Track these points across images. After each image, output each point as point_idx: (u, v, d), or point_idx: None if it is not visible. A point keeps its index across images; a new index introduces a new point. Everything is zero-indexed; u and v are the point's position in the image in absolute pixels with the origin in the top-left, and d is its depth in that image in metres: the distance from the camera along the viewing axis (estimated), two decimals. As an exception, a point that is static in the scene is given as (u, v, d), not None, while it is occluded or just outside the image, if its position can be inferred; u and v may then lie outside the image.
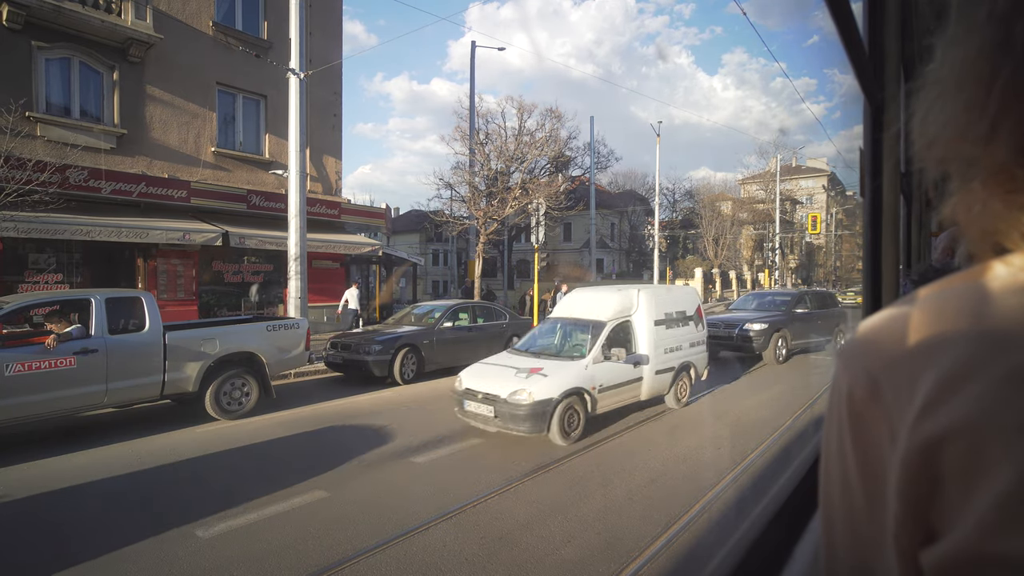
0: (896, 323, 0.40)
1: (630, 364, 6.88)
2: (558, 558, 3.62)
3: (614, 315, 7.06)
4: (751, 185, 45.50)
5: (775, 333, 11.39)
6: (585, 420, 6.17)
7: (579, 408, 6.16)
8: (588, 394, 6.25)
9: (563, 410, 5.92)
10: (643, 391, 7.07)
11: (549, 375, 6.13)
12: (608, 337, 6.76)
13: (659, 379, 7.25)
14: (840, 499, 0.44)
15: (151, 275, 12.53)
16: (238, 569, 3.46)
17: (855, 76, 1.25)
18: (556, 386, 5.95)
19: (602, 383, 6.44)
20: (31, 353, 5.69)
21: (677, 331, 7.70)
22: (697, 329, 8.14)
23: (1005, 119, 0.36)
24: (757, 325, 11.40)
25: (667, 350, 7.40)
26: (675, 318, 7.74)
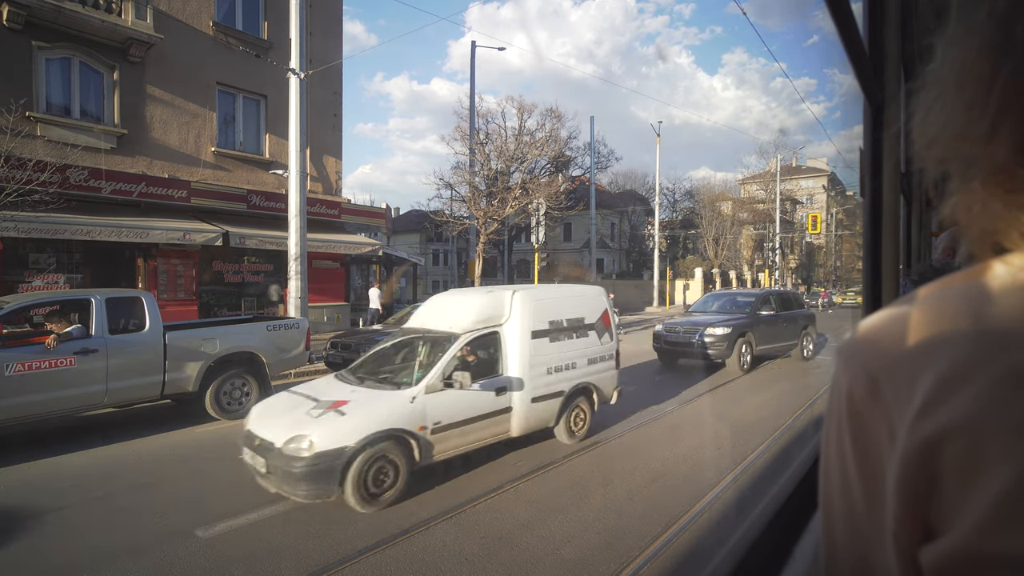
0: (896, 323, 0.40)
1: (490, 391, 5.27)
2: (558, 558, 3.62)
3: (473, 324, 5.49)
4: (751, 185, 45.51)
5: (739, 338, 10.42)
6: (408, 474, 4.52)
7: (398, 458, 4.48)
8: (413, 437, 4.60)
9: (365, 463, 4.26)
10: (513, 425, 5.49)
11: (350, 412, 4.49)
12: (457, 356, 5.23)
13: (539, 408, 5.66)
14: (840, 498, 0.44)
15: (151, 275, 12.53)
16: (238, 569, 3.46)
17: (855, 76, 1.26)
18: (355, 429, 4.32)
19: (440, 420, 4.81)
20: (31, 353, 5.69)
21: (569, 344, 6.11)
22: (601, 341, 6.50)
23: (1005, 119, 0.36)
24: (720, 329, 10.40)
25: (552, 369, 5.82)
26: (566, 328, 6.12)
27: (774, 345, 11.47)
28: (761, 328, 11.07)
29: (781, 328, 11.76)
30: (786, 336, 11.89)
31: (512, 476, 5.01)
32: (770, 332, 11.35)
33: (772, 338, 11.39)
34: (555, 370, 5.88)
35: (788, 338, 11.92)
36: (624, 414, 7.04)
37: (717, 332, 10.42)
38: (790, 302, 12.79)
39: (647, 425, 6.85)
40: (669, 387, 8.96)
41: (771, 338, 11.36)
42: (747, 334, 10.65)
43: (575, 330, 6.24)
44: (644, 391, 8.51)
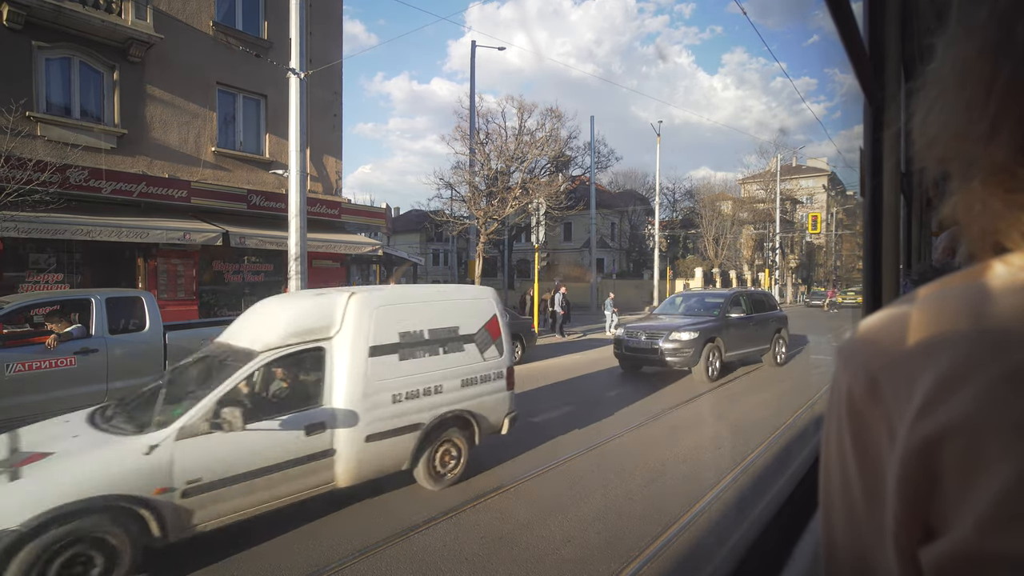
0: (896, 322, 0.40)
1: (295, 430, 3.95)
2: (558, 558, 3.62)
3: (283, 339, 4.17)
4: (751, 185, 45.51)
5: (707, 344, 9.53)
6: (135, 560, 3.25)
7: (115, 538, 3.18)
8: (145, 505, 3.27)
9: (39, 556, 2.91)
10: (339, 472, 4.18)
11: (39, 470, 3.16)
12: (245, 383, 4.03)
13: (378, 449, 4.35)
14: (840, 498, 0.44)
15: (151, 275, 12.53)
16: (238, 569, 3.46)
17: (855, 76, 1.26)
18: (30, 499, 2.97)
19: (199, 476, 3.48)
20: (32, 353, 5.70)
21: (432, 363, 4.83)
22: (485, 356, 5.21)
23: (1005, 118, 0.36)
24: (686, 334, 9.48)
25: (402, 396, 4.53)
26: (429, 341, 4.84)
27: (745, 350, 10.60)
28: (731, 332, 10.17)
29: (752, 331, 10.87)
30: (758, 340, 11.00)
31: (512, 476, 5.01)
32: (740, 336, 10.47)
33: (743, 342, 10.52)
34: (407, 397, 4.57)
35: (760, 342, 11.05)
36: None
37: (682, 337, 9.49)
38: (762, 303, 11.84)
39: (647, 425, 6.85)
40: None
41: (742, 342, 10.49)
42: (716, 339, 9.77)
43: (444, 343, 4.93)
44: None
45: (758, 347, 11.01)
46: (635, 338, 10.11)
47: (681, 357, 9.43)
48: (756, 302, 11.64)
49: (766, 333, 11.22)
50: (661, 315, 11.39)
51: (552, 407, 7.55)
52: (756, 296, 12.13)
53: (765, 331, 11.21)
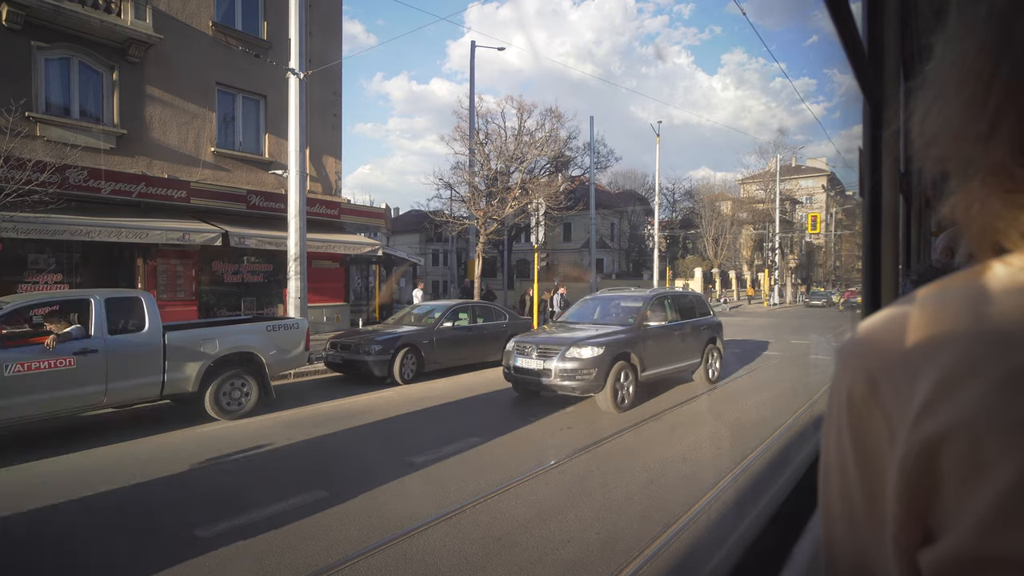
0: (895, 323, 0.40)
1: None
2: (557, 558, 3.62)
3: None
4: (751, 185, 45.52)
5: (616, 361, 7.41)
6: None
7: None
8: None
9: None
10: None
11: None
12: None
13: None
14: (839, 499, 0.44)
15: (151, 275, 12.53)
16: (238, 569, 3.46)
17: (854, 76, 1.26)
18: None
19: None
20: (30, 353, 5.69)
21: None
22: None
23: (1004, 117, 0.36)
24: (587, 350, 7.34)
25: None
26: None
27: (668, 367, 8.57)
28: (649, 345, 8.15)
29: (677, 343, 8.83)
30: (685, 353, 8.95)
31: (512, 476, 5.01)
32: (663, 350, 8.46)
33: (665, 357, 8.50)
34: None
35: (687, 356, 9.00)
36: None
37: (582, 354, 7.32)
38: (691, 308, 9.76)
39: (646, 425, 6.85)
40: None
41: (664, 358, 8.46)
42: (629, 355, 7.70)
43: None
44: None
45: (686, 362, 8.98)
46: (525, 355, 7.77)
47: (580, 381, 7.24)
48: (684, 307, 9.57)
49: (696, 344, 9.20)
50: (570, 323, 9.06)
51: (551, 407, 7.56)
52: (684, 299, 9.95)
53: (695, 342, 9.19)
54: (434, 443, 6.00)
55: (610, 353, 7.40)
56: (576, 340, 7.63)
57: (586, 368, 7.27)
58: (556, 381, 7.37)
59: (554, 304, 17.64)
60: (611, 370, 7.30)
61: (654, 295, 9.16)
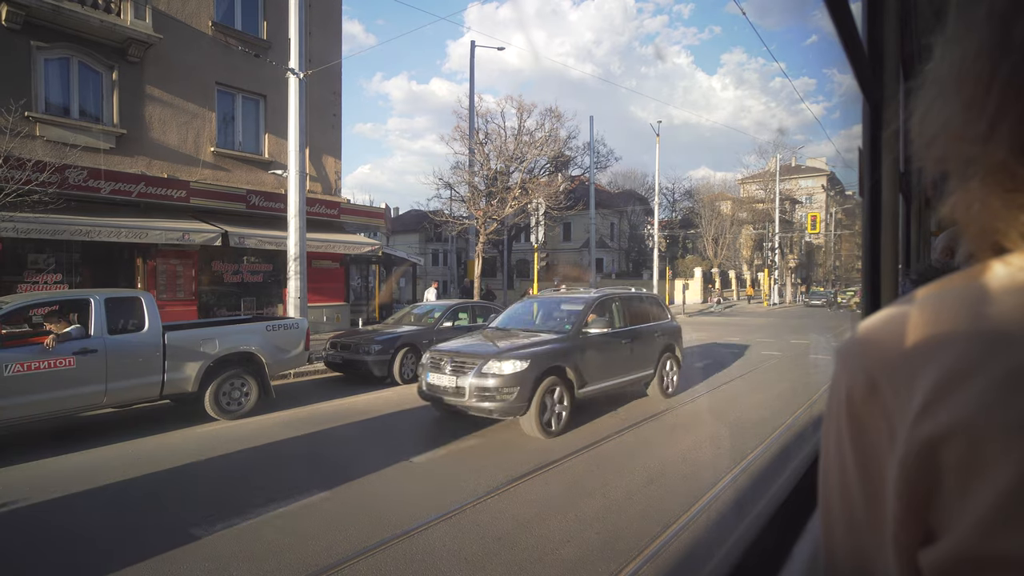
0: (895, 323, 0.40)
1: None
2: (557, 558, 3.62)
3: None
4: (750, 185, 45.53)
5: (546, 377, 6.28)
6: None
7: None
8: None
9: None
10: None
11: None
12: None
13: None
14: (839, 499, 0.44)
15: (150, 275, 12.53)
16: (238, 569, 3.46)
17: (854, 76, 1.26)
18: None
19: None
20: (30, 353, 5.69)
21: None
22: None
23: (1004, 118, 0.36)
24: (509, 364, 6.18)
25: None
26: None
27: (613, 381, 7.37)
28: (589, 356, 6.97)
29: (625, 353, 7.64)
30: (635, 364, 7.75)
31: (512, 476, 5.01)
32: (607, 360, 7.30)
33: (610, 370, 7.32)
34: None
35: (638, 367, 7.79)
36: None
37: (502, 369, 6.15)
38: (644, 311, 8.53)
39: (647, 425, 6.86)
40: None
41: (608, 369, 7.29)
42: (564, 369, 6.57)
43: None
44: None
45: (636, 374, 7.77)
46: (438, 369, 6.59)
47: (499, 402, 6.07)
48: (635, 311, 8.34)
49: (648, 353, 7.99)
50: (505, 329, 7.81)
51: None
52: (635, 302, 8.57)
53: (647, 351, 7.98)
54: (435, 442, 6.00)
55: (537, 367, 6.26)
56: (498, 352, 6.42)
57: (507, 386, 6.05)
58: (471, 402, 6.16)
59: None
60: (538, 388, 6.17)
61: (599, 297, 7.85)
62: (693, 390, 8.93)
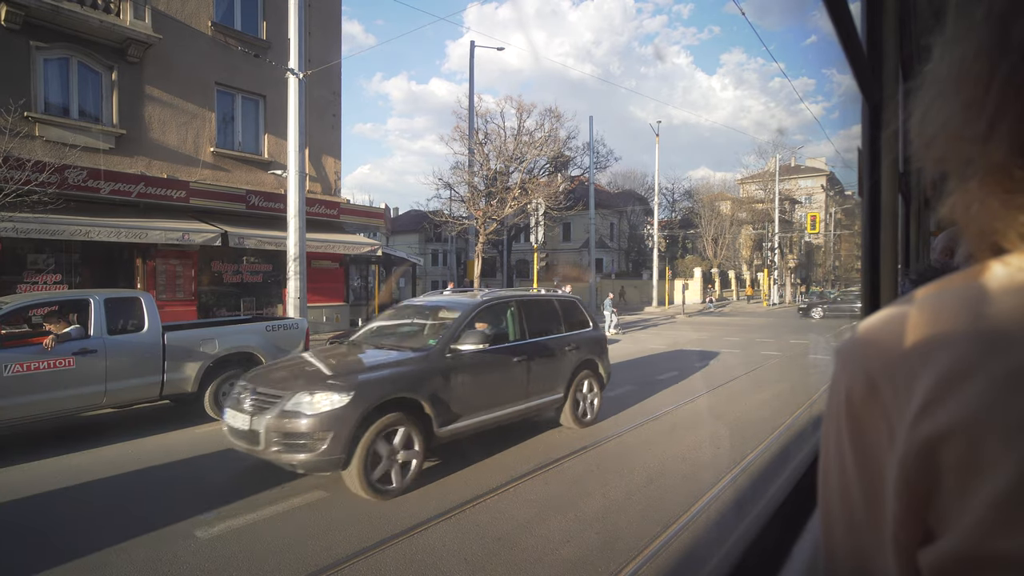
0: (895, 323, 0.40)
1: None
2: (557, 558, 3.62)
3: None
4: (750, 185, 45.54)
5: (378, 416, 4.58)
6: None
7: None
8: None
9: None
10: None
11: None
12: None
13: None
14: (839, 499, 0.44)
15: (150, 275, 12.52)
16: (238, 569, 3.46)
17: (853, 76, 1.26)
18: None
19: None
20: (29, 353, 5.69)
21: None
22: None
23: (1003, 118, 0.36)
24: (322, 398, 4.48)
25: None
26: None
27: (499, 412, 5.61)
28: (461, 381, 5.26)
29: (519, 374, 5.89)
30: (534, 388, 6.04)
31: (512, 476, 5.01)
32: (489, 385, 5.62)
33: (494, 397, 5.61)
34: None
35: (539, 391, 6.09)
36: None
37: (313, 406, 4.45)
38: (553, 319, 6.73)
39: (646, 424, 6.86)
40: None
41: (492, 397, 5.59)
42: (418, 402, 4.85)
43: None
44: None
45: (537, 400, 6.08)
46: (238, 404, 4.87)
47: (307, 452, 4.35)
48: (539, 319, 6.55)
49: (555, 372, 6.33)
50: (358, 344, 5.92)
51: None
52: (541, 307, 6.74)
53: (553, 369, 6.31)
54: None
55: (365, 401, 4.46)
56: (310, 382, 4.67)
57: (317, 430, 4.30)
58: (270, 452, 4.44)
59: None
60: (367, 430, 4.43)
61: (482, 302, 6.01)
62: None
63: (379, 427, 4.57)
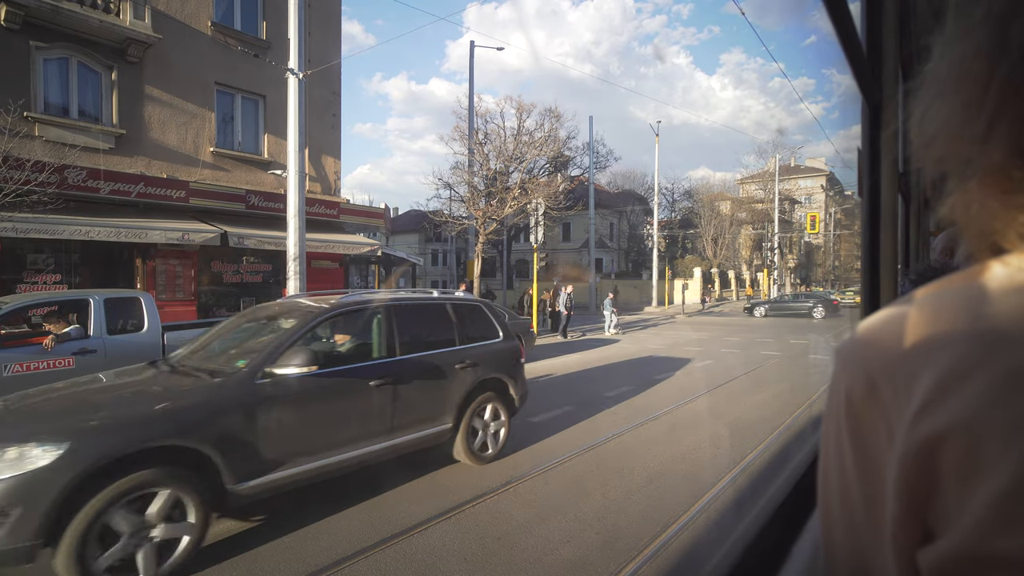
0: (894, 323, 0.40)
1: None
2: (557, 557, 3.62)
3: None
4: (750, 185, 45.56)
5: (115, 479, 3.05)
6: None
7: None
8: None
9: None
10: None
11: None
12: None
13: None
14: (838, 499, 0.44)
15: (150, 275, 12.52)
16: (237, 569, 3.46)
17: (853, 76, 1.26)
18: None
19: None
20: (29, 354, 5.69)
21: None
22: None
23: (1001, 118, 0.36)
24: (10, 456, 2.89)
25: None
26: None
27: (346, 453, 4.29)
28: (278, 417, 3.94)
29: (381, 401, 4.54)
30: (404, 419, 4.70)
31: (511, 476, 5.01)
32: (329, 419, 4.30)
33: (336, 434, 4.29)
34: None
35: (410, 423, 4.75)
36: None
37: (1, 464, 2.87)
38: (442, 326, 5.39)
39: (645, 425, 6.86)
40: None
41: (332, 435, 4.27)
42: (198, 452, 3.45)
43: None
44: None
45: (405, 435, 4.70)
46: None
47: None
48: (422, 326, 5.25)
49: (439, 397, 5.02)
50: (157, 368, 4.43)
51: (551, 407, 7.56)
52: (427, 313, 5.42)
53: (435, 393, 5.01)
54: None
55: (82, 460, 3.01)
56: (18, 426, 3.30)
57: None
58: None
59: (559, 304, 17.44)
60: (91, 503, 3.00)
61: (334, 308, 4.65)
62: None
63: (113, 494, 3.04)
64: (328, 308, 4.66)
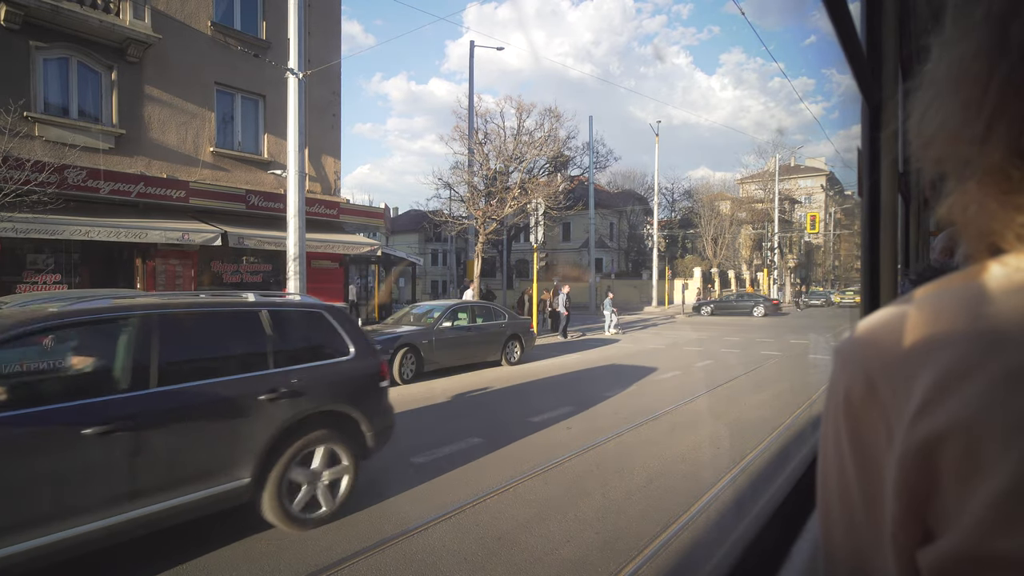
0: (894, 323, 0.40)
1: None
2: (557, 557, 3.62)
3: None
4: (750, 185, 45.56)
5: None
6: None
7: None
8: None
9: None
10: None
11: None
12: None
13: None
14: (838, 499, 0.44)
15: (150, 275, 12.52)
16: (236, 570, 3.46)
17: (853, 76, 1.26)
18: None
19: None
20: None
21: None
22: None
23: (1000, 119, 0.36)
24: None
25: None
26: None
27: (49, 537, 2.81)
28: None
29: (113, 456, 3.13)
30: (157, 479, 3.32)
31: (511, 476, 5.01)
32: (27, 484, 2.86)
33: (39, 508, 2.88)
34: None
35: (169, 483, 3.35)
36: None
37: None
38: (248, 340, 4.05)
39: (645, 425, 6.86)
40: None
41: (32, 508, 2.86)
42: None
43: None
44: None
45: (159, 502, 3.29)
46: None
47: None
48: (210, 341, 3.97)
49: (222, 444, 3.69)
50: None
51: (551, 407, 7.56)
52: (220, 323, 4.07)
53: (215, 440, 3.68)
54: (435, 443, 6.00)
55: None
56: None
57: None
58: None
59: (558, 304, 17.45)
60: None
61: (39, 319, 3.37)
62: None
63: None
64: (24, 320, 3.27)
